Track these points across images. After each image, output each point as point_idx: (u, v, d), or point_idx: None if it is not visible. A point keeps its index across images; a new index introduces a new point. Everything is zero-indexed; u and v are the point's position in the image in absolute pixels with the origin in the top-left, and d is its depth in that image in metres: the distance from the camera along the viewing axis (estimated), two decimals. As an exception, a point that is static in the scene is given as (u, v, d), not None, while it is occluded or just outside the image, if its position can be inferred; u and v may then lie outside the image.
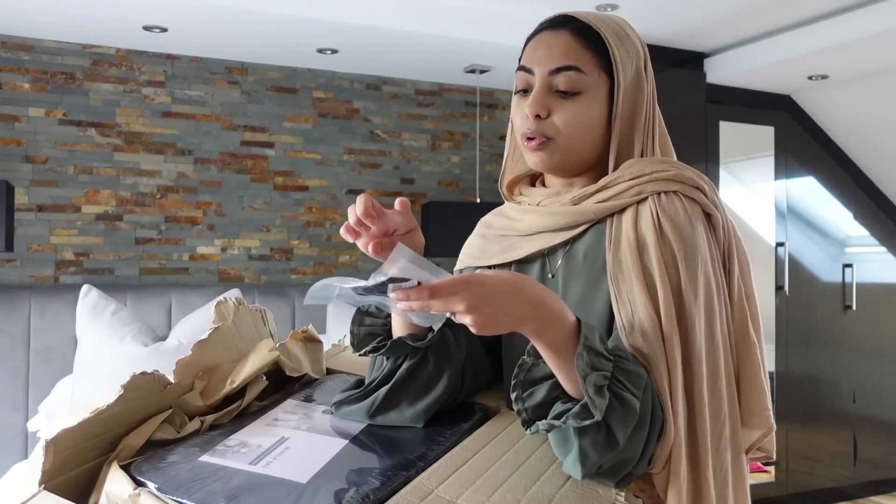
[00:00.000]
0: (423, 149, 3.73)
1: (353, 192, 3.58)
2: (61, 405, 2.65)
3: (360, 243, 0.88)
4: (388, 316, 0.98)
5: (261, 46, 3.19)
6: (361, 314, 0.99)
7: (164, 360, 2.47)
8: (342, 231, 0.88)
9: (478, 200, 3.68)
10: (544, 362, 0.83)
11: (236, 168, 3.39)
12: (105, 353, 2.57)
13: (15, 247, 3.00)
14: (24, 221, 3.04)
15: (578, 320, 0.81)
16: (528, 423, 0.82)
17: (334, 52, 3.25)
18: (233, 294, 2.96)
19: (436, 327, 0.94)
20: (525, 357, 0.83)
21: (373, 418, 0.95)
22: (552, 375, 0.83)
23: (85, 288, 2.74)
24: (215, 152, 3.36)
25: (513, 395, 0.82)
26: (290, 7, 2.75)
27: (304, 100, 3.51)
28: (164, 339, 2.72)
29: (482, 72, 3.55)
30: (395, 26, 2.92)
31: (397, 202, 0.91)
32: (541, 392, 0.82)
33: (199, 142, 3.33)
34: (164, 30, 2.96)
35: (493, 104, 3.88)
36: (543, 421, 0.80)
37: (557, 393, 0.82)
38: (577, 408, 0.78)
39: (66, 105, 3.12)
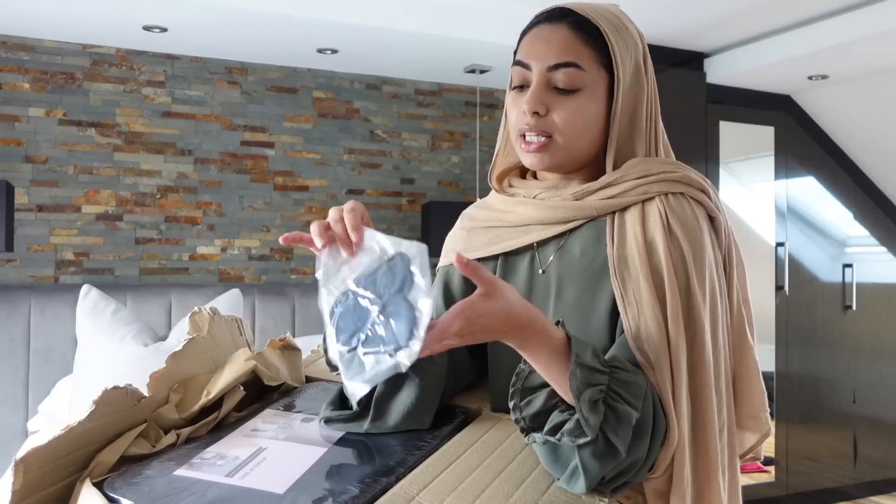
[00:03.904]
0: (423, 149, 3.73)
1: (353, 193, 3.58)
2: (61, 405, 2.65)
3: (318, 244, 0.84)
4: None
5: (261, 46, 3.19)
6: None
7: (164, 360, 2.47)
8: (316, 230, 0.84)
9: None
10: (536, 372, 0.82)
11: (236, 168, 3.39)
12: (105, 353, 2.57)
13: (15, 247, 3.00)
14: (24, 221, 3.04)
15: (568, 336, 0.79)
16: (526, 432, 0.81)
17: (334, 52, 3.25)
18: (232, 294, 2.96)
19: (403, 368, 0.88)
20: (522, 365, 0.82)
21: (367, 431, 0.93)
22: (547, 383, 0.82)
23: (85, 288, 2.74)
24: (215, 152, 3.36)
25: (511, 404, 0.81)
26: (290, 7, 2.75)
27: (304, 100, 3.51)
28: (164, 339, 2.72)
29: (482, 72, 3.55)
30: (395, 26, 2.91)
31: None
32: (538, 400, 0.81)
33: (199, 142, 3.33)
34: (164, 30, 2.96)
35: (493, 104, 3.88)
36: (539, 434, 0.79)
37: (556, 401, 0.81)
38: (571, 424, 0.77)
39: (66, 105, 3.12)
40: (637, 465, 0.81)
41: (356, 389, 0.78)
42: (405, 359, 0.74)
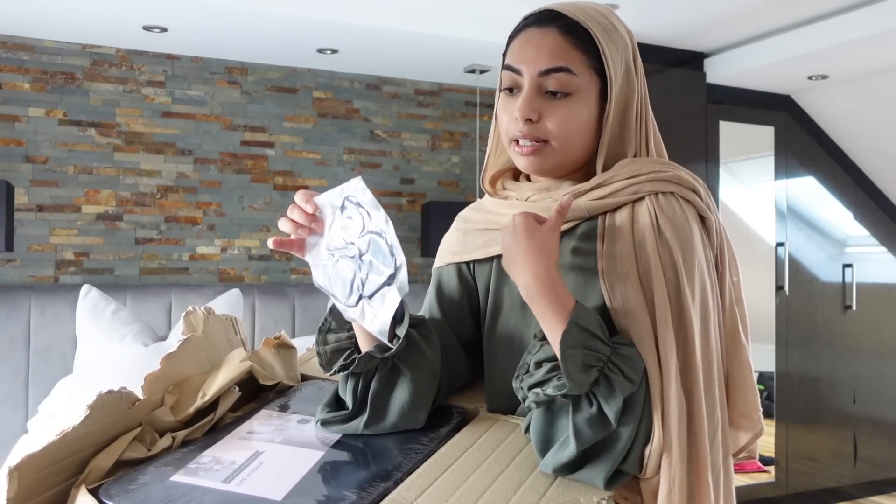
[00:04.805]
0: (423, 149, 3.73)
1: (353, 192, 3.58)
2: (61, 405, 2.65)
3: (294, 239, 0.93)
4: (351, 328, 0.96)
5: (261, 46, 3.19)
6: (324, 333, 0.96)
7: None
8: (289, 226, 0.92)
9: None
10: (549, 344, 0.85)
11: (236, 168, 3.39)
12: (105, 353, 2.57)
13: (15, 247, 3.00)
14: (24, 221, 3.04)
15: (576, 302, 0.84)
16: (523, 400, 0.85)
17: (334, 52, 3.25)
18: (232, 294, 2.96)
19: (400, 333, 0.91)
20: (533, 339, 0.87)
21: (363, 432, 0.94)
22: (554, 358, 0.84)
23: (85, 288, 2.74)
24: (215, 152, 3.36)
25: (516, 375, 0.86)
26: (290, 7, 2.75)
27: (304, 100, 3.51)
28: (164, 339, 2.72)
29: (482, 72, 3.54)
30: (395, 26, 2.91)
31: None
32: (540, 372, 0.84)
33: (199, 142, 3.33)
34: (164, 30, 2.96)
35: (493, 104, 3.87)
36: (532, 391, 0.82)
37: (556, 374, 0.83)
38: (559, 381, 0.80)
39: (66, 105, 3.12)
40: (626, 442, 0.81)
41: (380, 327, 0.85)
42: (403, 276, 0.83)
